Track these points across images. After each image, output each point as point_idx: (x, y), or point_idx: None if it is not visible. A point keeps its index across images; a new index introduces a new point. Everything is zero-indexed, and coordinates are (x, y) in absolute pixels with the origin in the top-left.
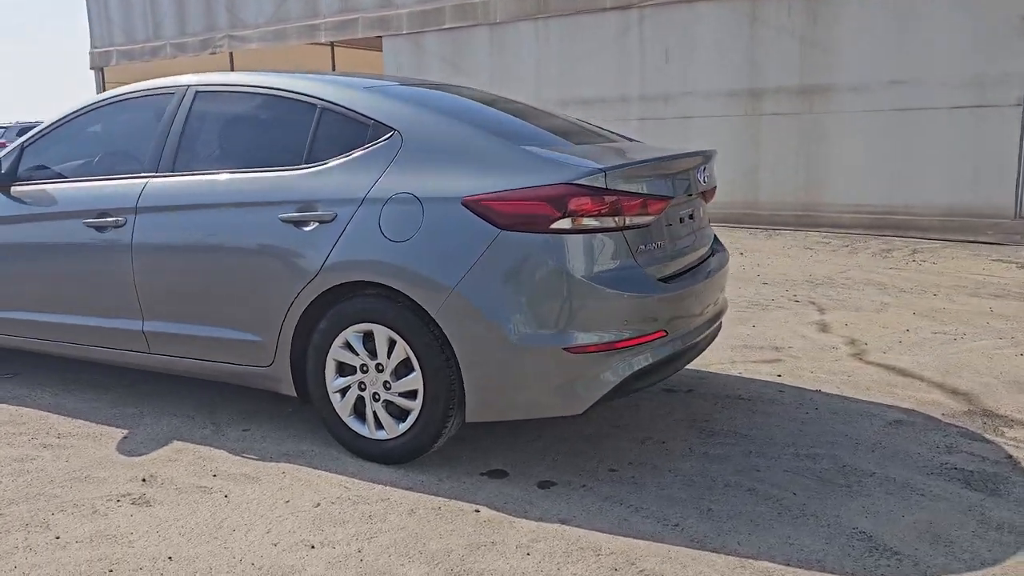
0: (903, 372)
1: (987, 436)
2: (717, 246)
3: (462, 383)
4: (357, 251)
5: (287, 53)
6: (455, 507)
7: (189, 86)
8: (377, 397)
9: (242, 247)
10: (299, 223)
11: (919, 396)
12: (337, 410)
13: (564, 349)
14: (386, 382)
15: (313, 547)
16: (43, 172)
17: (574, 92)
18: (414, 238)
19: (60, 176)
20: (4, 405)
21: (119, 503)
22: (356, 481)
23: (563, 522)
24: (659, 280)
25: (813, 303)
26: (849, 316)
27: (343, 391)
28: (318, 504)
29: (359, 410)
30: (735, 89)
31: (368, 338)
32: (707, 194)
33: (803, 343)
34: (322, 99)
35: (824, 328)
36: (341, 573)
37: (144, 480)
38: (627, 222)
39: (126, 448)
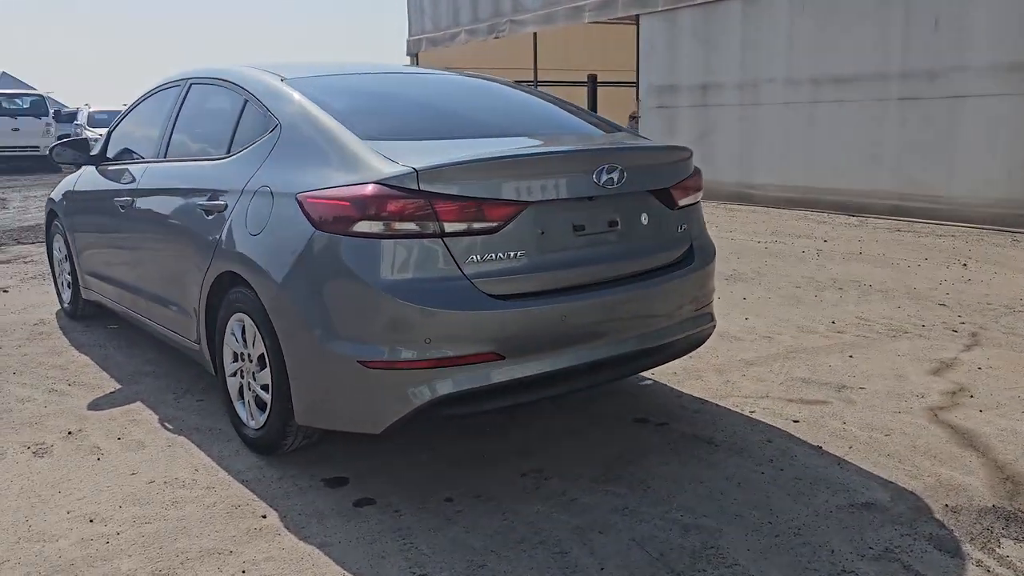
0: (968, 439)
1: (973, 551)
2: (690, 261)
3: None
4: (231, 241)
5: (576, 33)
6: (250, 509)
7: (188, 78)
8: (250, 386)
9: (175, 231)
10: (207, 211)
11: (945, 474)
12: (230, 393)
13: (359, 362)
14: (253, 372)
15: (91, 521)
16: (125, 154)
17: (827, 69)
18: (263, 232)
19: (134, 156)
20: (84, 355)
21: (25, 449)
22: (213, 466)
23: (321, 546)
24: (499, 296)
25: (974, 334)
26: (1004, 357)
27: (235, 375)
28: (152, 481)
29: (244, 396)
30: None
31: (247, 328)
32: (671, 192)
33: (884, 385)
34: (246, 90)
35: (941, 369)
36: (76, 551)
37: (69, 433)
38: (447, 228)
39: (95, 403)
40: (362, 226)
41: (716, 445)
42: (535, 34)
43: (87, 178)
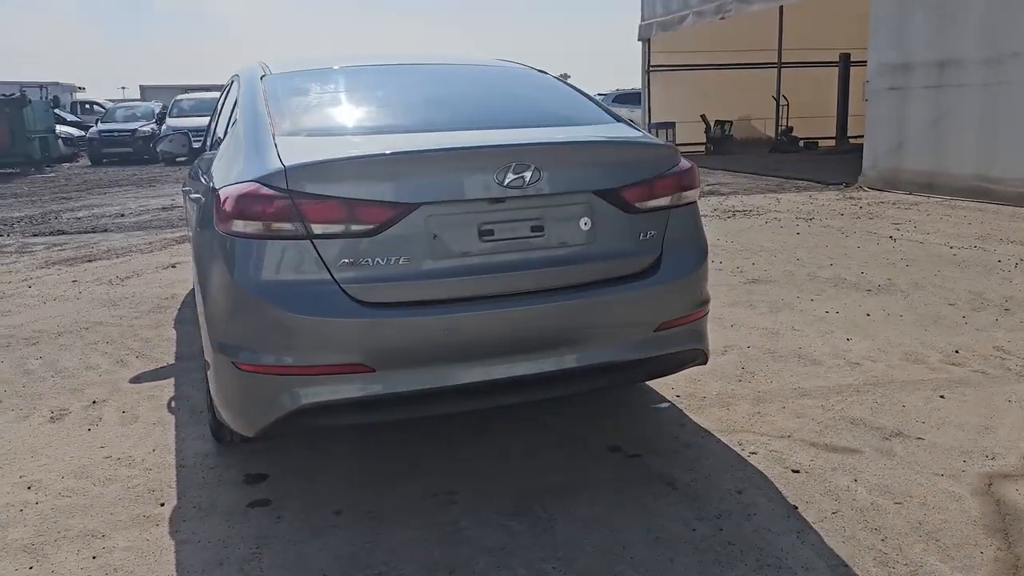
0: (1005, 521)
1: None
2: (653, 272)
3: None
4: (193, 236)
5: (827, 8)
6: (156, 496)
7: (236, 74)
8: None
9: None
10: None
11: (931, 567)
12: None
13: (233, 363)
14: None
15: (28, 488)
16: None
17: None
18: (196, 227)
19: None
20: (175, 330)
21: (49, 413)
22: (170, 448)
23: (180, 543)
24: (374, 303)
25: None
26: None
27: None
28: (108, 456)
29: None
30: None
31: None
32: (621, 193)
33: (953, 438)
34: (239, 86)
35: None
36: None
37: (93, 403)
38: (316, 230)
39: (137, 376)
40: (238, 225)
41: (673, 488)
42: (781, 9)
43: None
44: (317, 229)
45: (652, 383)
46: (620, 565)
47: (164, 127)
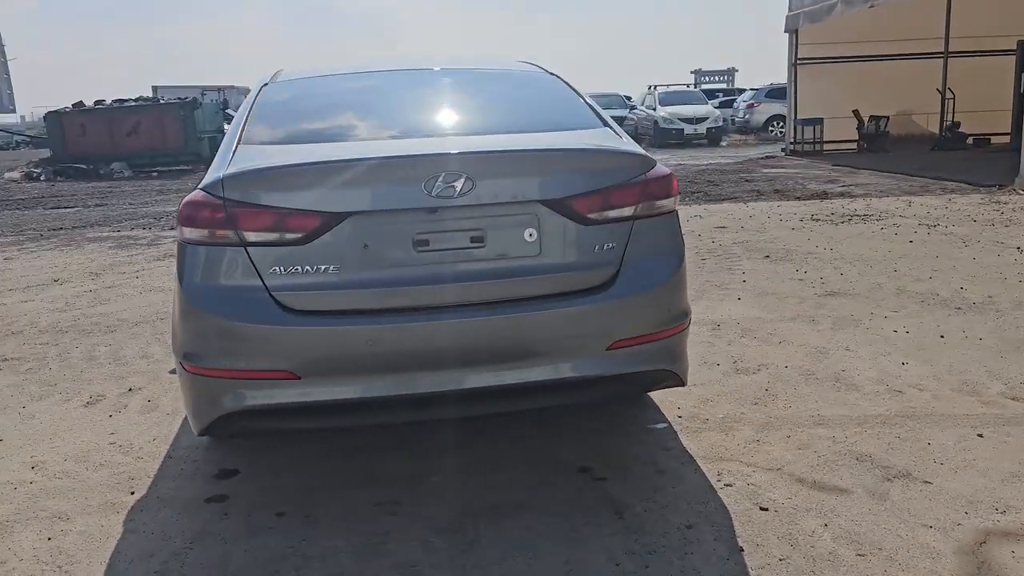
0: None
1: None
2: (608, 287)
3: None
4: None
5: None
6: (132, 484)
7: None
8: None
9: None
10: None
11: None
12: None
13: (181, 364)
14: None
15: (32, 468)
16: None
17: None
18: None
19: None
20: None
21: (87, 398)
22: (168, 439)
23: (126, 532)
24: (303, 311)
25: None
26: None
27: None
28: (114, 443)
29: None
30: None
31: None
32: (572, 203)
33: (967, 485)
34: None
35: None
36: None
37: (129, 390)
38: (249, 237)
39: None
40: (186, 232)
41: (620, 518)
42: None
43: None
44: (250, 237)
45: (659, 401)
46: None
47: None
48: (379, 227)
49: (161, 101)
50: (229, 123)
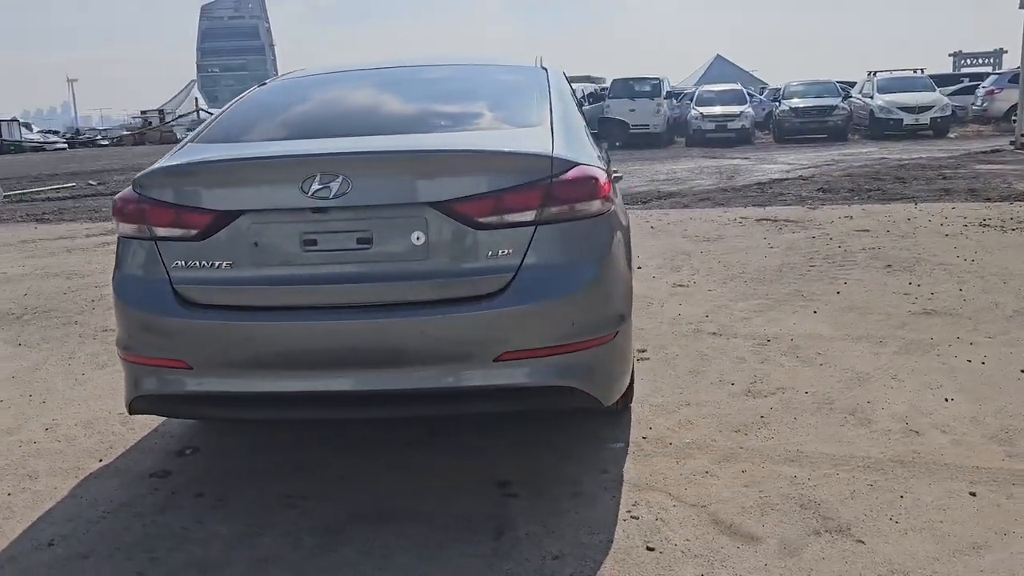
0: None
1: None
2: (499, 295)
3: None
4: None
5: None
6: (108, 453)
7: None
8: None
9: None
10: None
11: None
12: None
13: (116, 344)
14: None
15: (46, 429)
16: None
17: None
18: None
19: None
20: None
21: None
22: (156, 418)
23: (71, 496)
24: (200, 304)
25: None
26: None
27: None
28: (123, 413)
29: None
30: None
31: None
32: (460, 206)
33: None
34: None
35: None
36: None
37: None
38: (158, 232)
39: None
40: (118, 225)
41: (495, 539)
42: None
43: None
44: (159, 232)
45: (636, 419)
46: None
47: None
48: (268, 226)
49: None
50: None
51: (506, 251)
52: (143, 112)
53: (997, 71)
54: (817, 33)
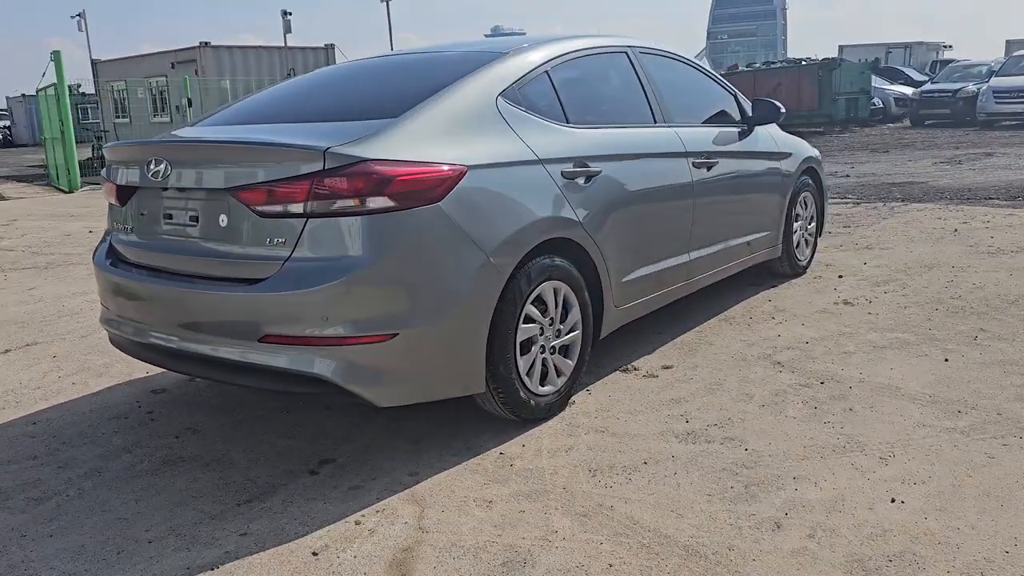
0: None
1: None
2: (260, 280)
3: None
4: None
5: None
6: (116, 412)
7: None
8: None
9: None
10: None
11: None
12: None
13: None
14: None
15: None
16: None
17: None
18: None
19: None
20: None
21: None
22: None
23: (51, 451)
24: (117, 259)
25: None
26: None
27: None
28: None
29: None
30: None
31: None
32: (240, 194)
33: None
34: None
35: None
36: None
37: None
38: (109, 200)
39: None
40: None
41: (213, 518)
42: None
43: None
44: (109, 200)
45: (528, 431)
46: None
47: (984, 87)
48: (150, 200)
49: (803, 63)
50: (904, 82)
51: (280, 240)
52: None
53: None
54: None
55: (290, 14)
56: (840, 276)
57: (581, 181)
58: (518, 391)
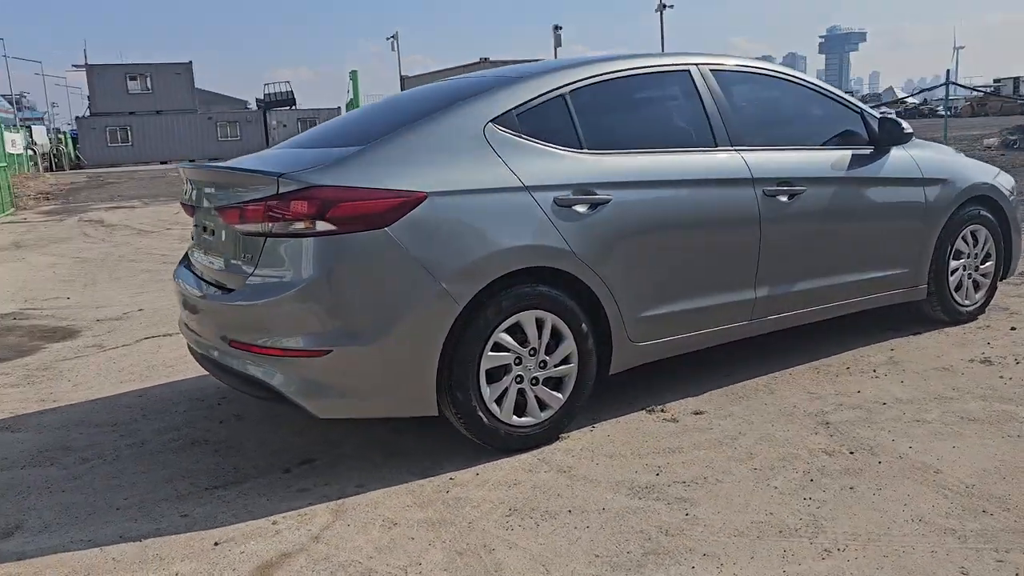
0: None
1: None
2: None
3: None
4: None
5: None
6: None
7: None
8: None
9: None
10: None
11: None
12: None
13: None
14: None
15: None
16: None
17: None
18: None
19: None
20: None
21: None
22: None
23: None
24: (187, 267)
25: None
26: None
27: None
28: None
29: None
30: None
31: None
32: (224, 214)
33: None
34: None
35: None
36: None
37: None
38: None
39: None
40: None
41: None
42: None
43: None
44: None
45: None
46: None
47: None
48: (200, 217)
49: None
50: None
51: (248, 256)
52: (996, 80)
53: None
54: None
55: (560, 28)
56: (1013, 328)
57: (581, 209)
58: (481, 419)
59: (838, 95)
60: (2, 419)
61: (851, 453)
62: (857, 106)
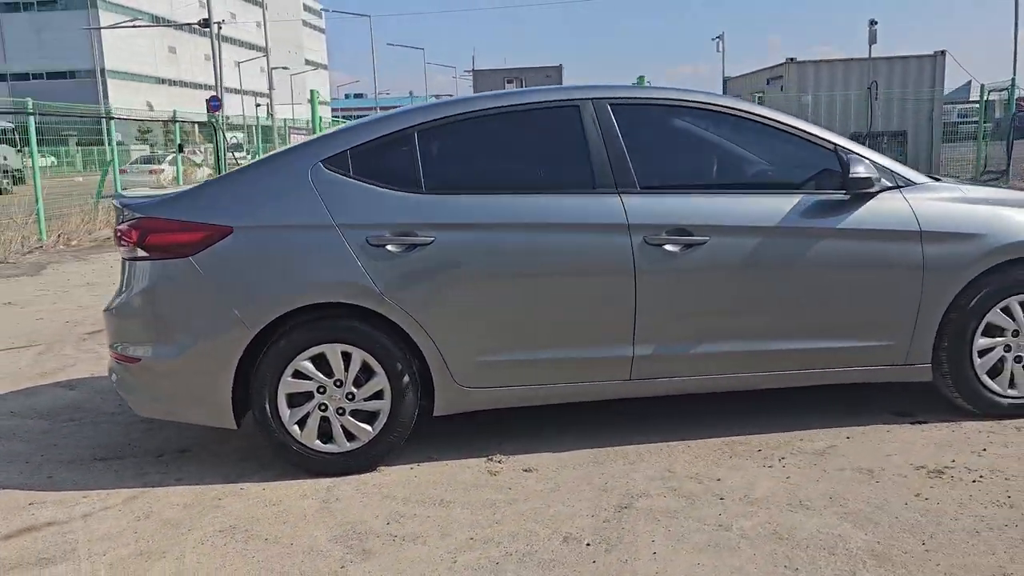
0: None
1: None
2: None
3: None
4: None
5: None
6: None
7: None
8: None
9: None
10: None
11: None
12: None
13: None
14: None
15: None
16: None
17: None
18: None
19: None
20: None
21: None
22: None
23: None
24: None
25: None
26: None
27: None
28: None
29: None
30: None
31: None
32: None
33: None
34: None
35: None
36: None
37: None
38: None
39: None
40: None
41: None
42: None
43: None
44: None
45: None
46: None
47: None
48: None
49: None
50: None
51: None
52: None
53: None
54: None
55: (876, 23)
56: None
57: (394, 248)
58: (279, 439)
59: (803, 131)
60: None
61: (590, 545)
62: (831, 143)
